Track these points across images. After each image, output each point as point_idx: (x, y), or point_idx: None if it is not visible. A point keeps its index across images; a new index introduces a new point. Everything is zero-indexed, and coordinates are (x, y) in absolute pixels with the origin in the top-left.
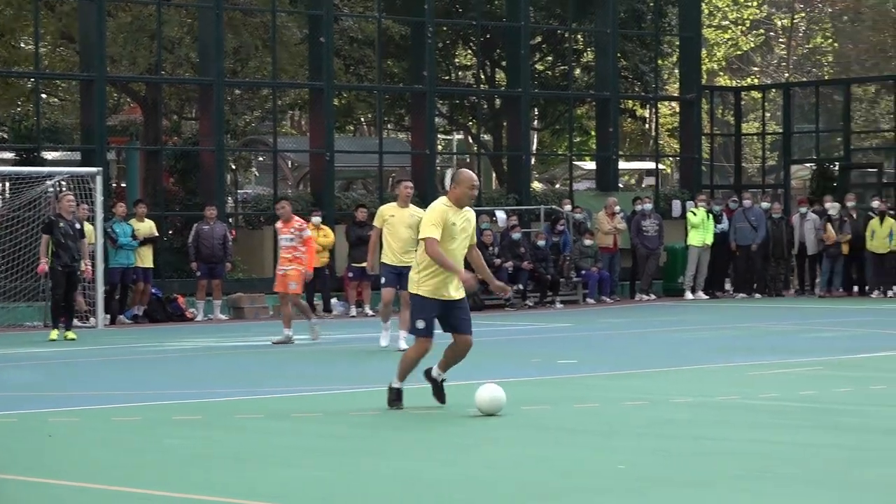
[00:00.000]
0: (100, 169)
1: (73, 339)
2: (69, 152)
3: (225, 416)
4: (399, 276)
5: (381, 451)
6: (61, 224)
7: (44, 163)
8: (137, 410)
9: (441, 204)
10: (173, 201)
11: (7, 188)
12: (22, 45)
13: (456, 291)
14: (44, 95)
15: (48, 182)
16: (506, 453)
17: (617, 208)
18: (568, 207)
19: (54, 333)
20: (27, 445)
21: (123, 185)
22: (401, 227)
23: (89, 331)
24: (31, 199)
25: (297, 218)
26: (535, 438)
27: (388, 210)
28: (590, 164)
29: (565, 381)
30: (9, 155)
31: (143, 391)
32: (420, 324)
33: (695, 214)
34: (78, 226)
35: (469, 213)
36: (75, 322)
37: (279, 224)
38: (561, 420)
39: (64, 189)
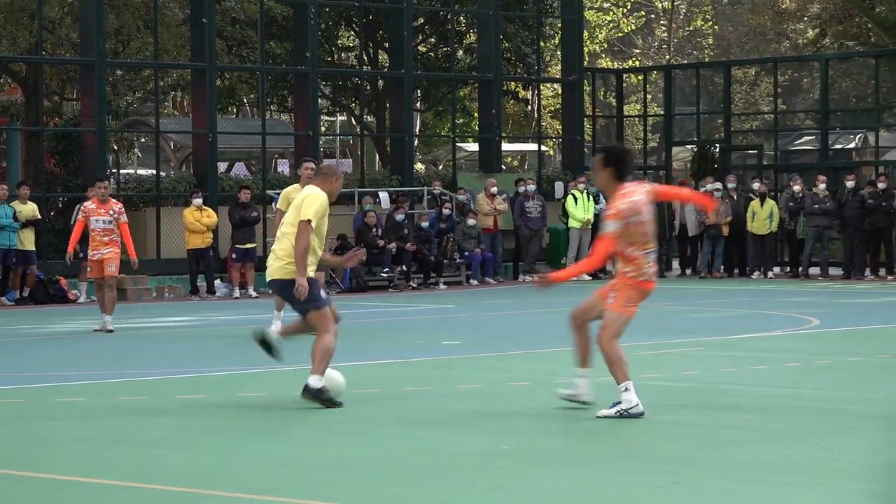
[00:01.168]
0: None
1: None
2: None
3: (106, 398)
4: None
5: (254, 434)
6: None
7: None
8: (20, 392)
9: (323, 194)
10: (55, 182)
11: None
12: None
13: None
14: None
15: None
16: (388, 433)
17: (494, 189)
18: (438, 190)
19: None
20: None
21: (4, 165)
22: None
23: None
24: None
25: (114, 201)
26: (418, 419)
27: (292, 192)
28: (473, 146)
29: (449, 361)
30: None
31: (24, 372)
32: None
33: (575, 197)
34: None
35: None
36: None
37: (92, 205)
38: (443, 401)
39: None
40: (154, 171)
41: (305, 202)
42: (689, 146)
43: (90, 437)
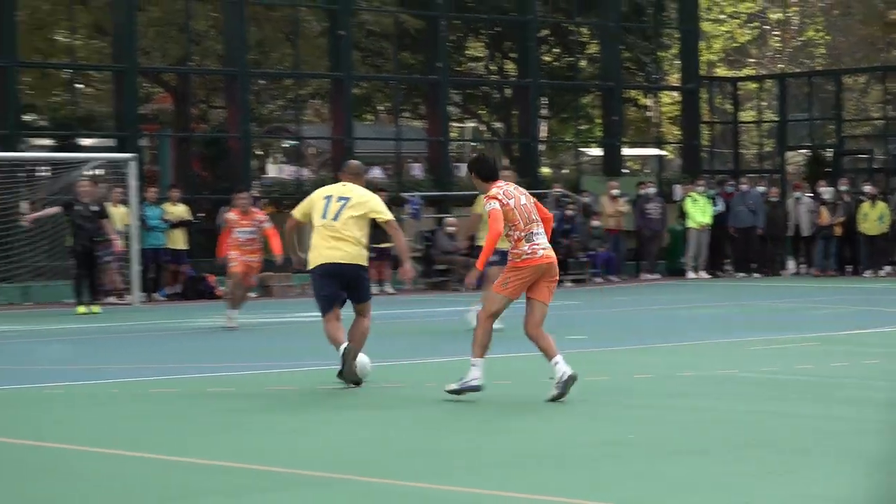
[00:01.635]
0: (134, 155)
1: (97, 313)
2: (104, 139)
3: (255, 387)
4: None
5: (392, 422)
6: (78, 207)
7: (80, 149)
8: (175, 383)
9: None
10: (203, 185)
11: (47, 173)
12: (58, 37)
13: None
14: (79, 86)
15: (84, 167)
16: (521, 423)
17: (616, 192)
18: (559, 192)
19: (81, 308)
20: (73, 414)
21: (156, 169)
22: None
23: (126, 307)
24: (69, 182)
25: (256, 210)
26: (549, 410)
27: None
28: (596, 151)
29: (575, 355)
30: (48, 142)
31: (179, 364)
32: None
33: (693, 199)
34: (95, 208)
35: None
36: (113, 299)
37: (234, 216)
38: (572, 392)
39: (98, 174)
40: (295, 175)
41: (377, 203)
42: (802, 151)
43: (240, 424)
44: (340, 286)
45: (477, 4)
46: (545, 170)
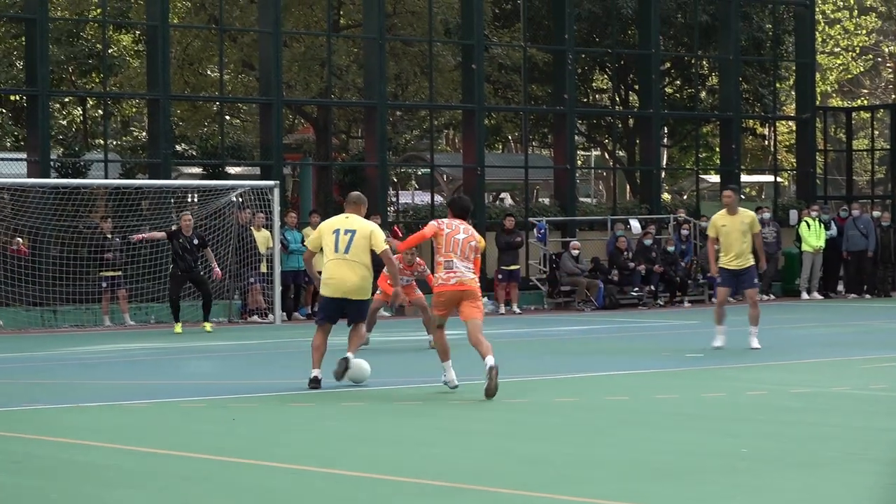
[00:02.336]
0: (277, 182)
1: (209, 332)
2: (250, 167)
3: (384, 402)
4: (735, 277)
5: (511, 434)
6: (180, 239)
7: (227, 177)
8: (311, 397)
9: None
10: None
11: (196, 199)
12: (208, 72)
13: None
14: (227, 117)
15: (231, 194)
16: (637, 436)
17: None
18: (682, 217)
19: (178, 327)
20: (214, 427)
21: (297, 195)
22: (734, 232)
23: (268, 326)
24: (217, 208)
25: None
26: (665, 423)
27: (719, 219)
28: (714, 178)
29: (693, 372)
30: (197, 170)
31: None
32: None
33: (808, 224)
34: (196, 241)
35: None
36: (256, 318)
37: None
38: (688, 407)
39: (242, 201)
40: (429, 201)
41: (376, 235)
42: None
43: (368, 436)
44: (342, 313)
45: (602, 39)
46: (666, 196)
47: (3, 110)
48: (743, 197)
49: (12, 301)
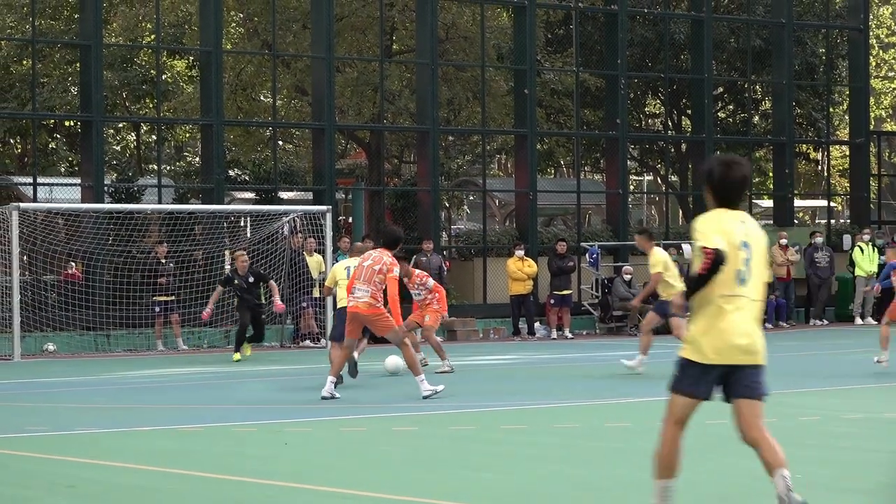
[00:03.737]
0: (329, 207)
1: (248, 356)
2: (302, 192)
3: (439, 427)
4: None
5: (566, 458)
6: (236, 280)
7: (280, 202)
8: (363, 422)
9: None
10: None
11: (249, 224)
12: (261, 97)
13: None
14: (280, 142)
15: (284, 219)
16: (687, 461)
17: (786, 241)
18: None
19: (237, 356)
20: (266, 452)
21: (350, 220)
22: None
23: (320, 350)
24: (269, 233)
25: (417, 271)
26: (716, 448)
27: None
28: (767, 202)
29: None
30: (250, 195)
31: (367, 404)
32: None
33: (861, 249)
34: (251, 279)
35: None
36: (308, 342)
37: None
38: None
39: (295, 226)
40: (481, 226)
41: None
42: None
43: (419, 459)
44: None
45: (655, 63)
46: None
47: (58, 136)
48: (796, 222)
49: (66, 326)
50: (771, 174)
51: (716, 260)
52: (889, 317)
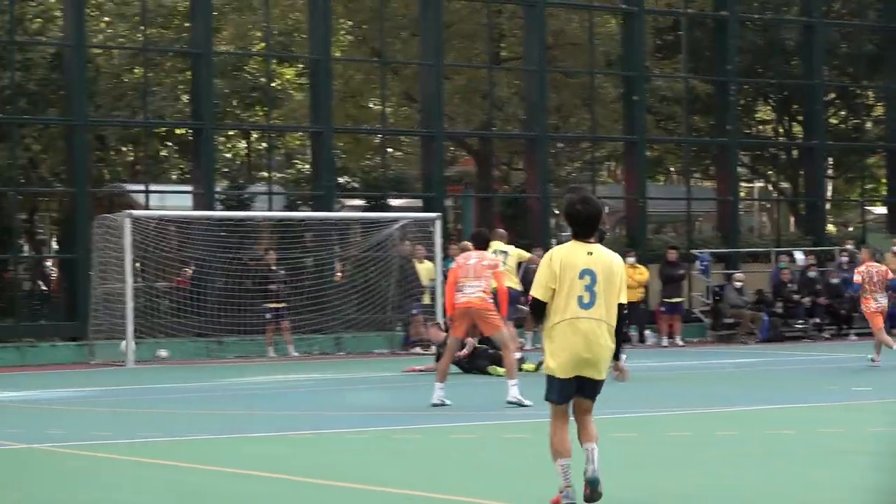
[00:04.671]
0: (439, 214)
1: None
2: (412, 199)
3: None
4: None
5: (675, 468)
6: None
7: (389, 209)
8: (473, 429)
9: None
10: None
11: (359, 231)
12: (370, 105)
13: None
14: (389, 149)
15: (394, 226)
16: (799, 470)
17: None
18: (850, 246)
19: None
20: (377, 458)
21: (459, 227)
22: None
23: (431, 356)
24: (379, 240)
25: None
26: (827, 459)
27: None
28: (881, 209)
29: (859, 406)
30: (360, 202)
31: (479, 411)
32: None
33: None
34: None
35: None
36: (418, 349)
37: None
38: (853, 442)
39: (404, 233)
40: None
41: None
42: None
43: (530, 466)
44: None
45: (765, 69)
46: (831, 227)
47: (169, 144)
48: None
49: (178, 332)
50: (884, 181)
51: (532, 305)
52: None
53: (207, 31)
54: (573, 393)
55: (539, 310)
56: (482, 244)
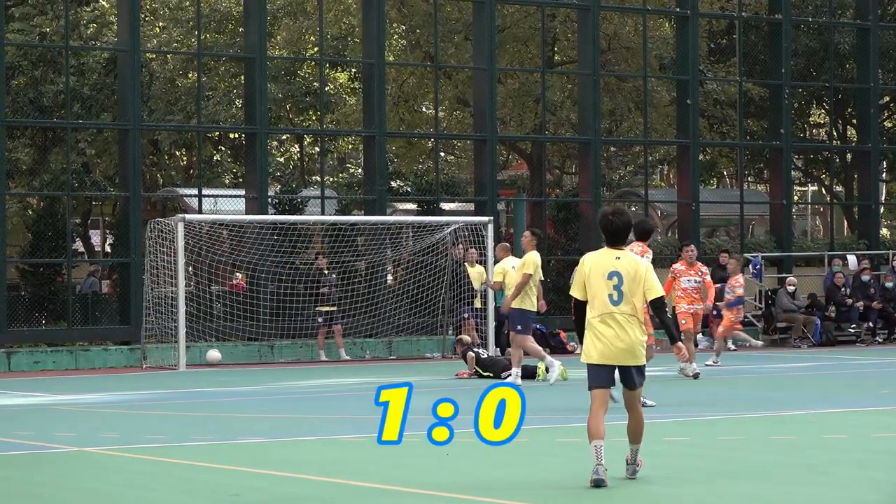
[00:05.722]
0: (491, 218)
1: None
2: (464, 203)
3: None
4: None
5: (732, 472)
6: None
7: (442, 213)
8: (525, 433)
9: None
10: (555, 247)
11: (411, 235)
12: (423, 109)
13: None
14: (442, 153)
15: (446, 230)
16: (854, 475)
17: None
18: None
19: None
20: (428, 462)
21: (512, 231)
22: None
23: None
24: (430, 244)
25: (700, 263)
26: (882, 463)
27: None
28: None
29: (883, 412)
30: (412, 206)
31: (531, 415)
32: None
33: None
34: None
35: None
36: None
37: (681, 266)
38: (887, 446)
39: (457, 237)
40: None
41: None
42: None
43: (578, 474)
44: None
45: (819, 73)
46: (885, 231)
47: (223, 148)
48: None
49: (231, 336)
50: None
51: (574, 304)
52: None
53: (261, 35)
54: (611, 381)
55: (579, 307)
56: (644, 235)
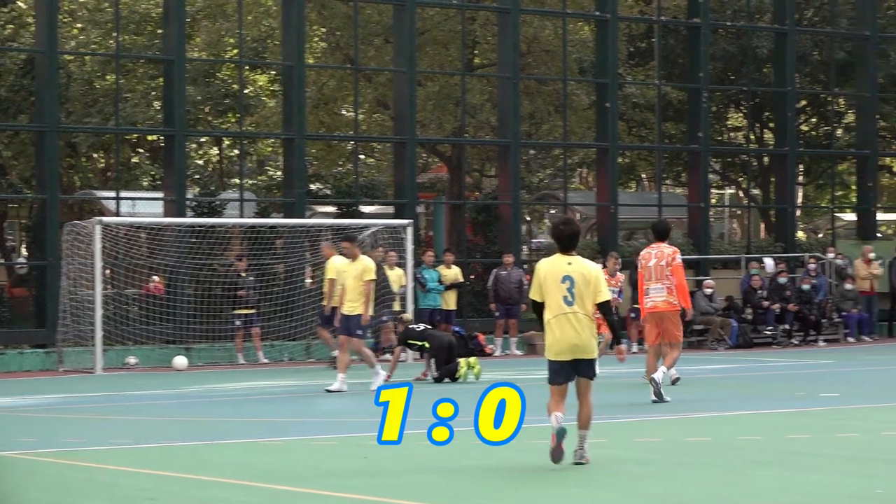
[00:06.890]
0: (410, 221)
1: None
2: (384, 206)
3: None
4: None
5: (648, 475)
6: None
7: (361, 216)
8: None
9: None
10: (474, 249)
11: (330, 238)
12: (343, 111)
13: None
14: (362, 156)
15: (365, 232)
16: (769, 476)
17: (872, 255)
18: (831, 255)
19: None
20: (345, 465)
21: (431, 234)
22: (350, 278)
23: (400, 364)
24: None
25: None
26: (797, 464)
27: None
28: (850, 216)
29: (827, 412)
30: (331, 209)
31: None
32: None
33: None
34: None
35: None
36: (388, 356)
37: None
38: (821, 447)
39: (376, 240)
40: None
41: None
42: None
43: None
44: None
45: (737, 77)
46: (801, 234)
47: (141, 150)
48: (879, 235)
49: (147, 339)
50: (854, 187)
51: (532, 305)
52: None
53: (180, 37)
54: (568, 378)
55: (537, 308)
56: (663, 235)
